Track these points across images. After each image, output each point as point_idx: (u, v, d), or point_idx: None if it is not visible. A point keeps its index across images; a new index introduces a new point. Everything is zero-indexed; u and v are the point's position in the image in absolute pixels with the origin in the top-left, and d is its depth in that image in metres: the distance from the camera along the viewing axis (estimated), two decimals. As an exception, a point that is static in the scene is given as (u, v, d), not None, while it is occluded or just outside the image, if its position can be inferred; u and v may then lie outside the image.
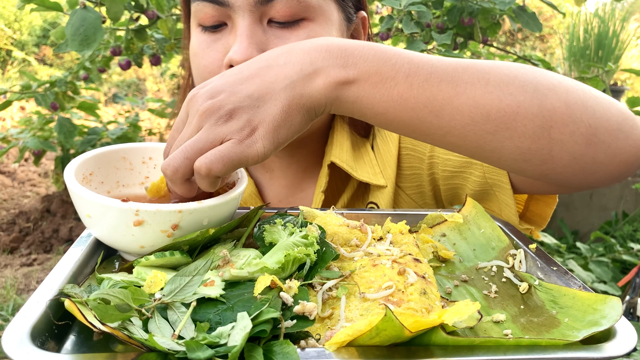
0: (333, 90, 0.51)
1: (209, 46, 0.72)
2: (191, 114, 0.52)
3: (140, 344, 0.37)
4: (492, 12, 1.80)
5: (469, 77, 0.52)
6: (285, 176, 0.84)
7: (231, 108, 0.49)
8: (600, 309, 0.45)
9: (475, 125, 0.52)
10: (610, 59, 3.29)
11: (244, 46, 0.67)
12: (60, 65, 7.24)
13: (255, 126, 0.50)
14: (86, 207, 0.51)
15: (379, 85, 0.51)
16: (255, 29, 0.68)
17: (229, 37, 0.70)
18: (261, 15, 0.69)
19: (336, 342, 0.38)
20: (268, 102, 0.50)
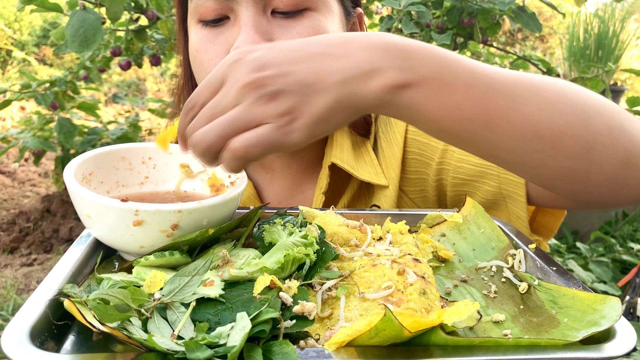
0: (387, 93, 0.48)
1: (211, 40, 0.71)
2: (231, 80, 0.48)
3: (139, 344, 0.37)
4: (492, 12, 1.80)
5: (523, 92, 0.51)
6: (285, 177, 0.84)
7: (276, 89, 0.47)
8: (599, 309, 0.45)
9: (524, 142, 0.51)
10: (610, 59, 3.29)
11: (250, 35, 0.66)
12: (60, 65, 7.24)
13: (297, 115, 0.47)
14: (86, 207, 0.51)
15: (437, 93, 0.48)
16: (259, 19, 0.68)
17: (232, 30, 0.70)
18: (264, 6, 0.69)
19: (335, 342, 0.38)
20: (316, 93, 0.47)
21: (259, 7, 0.68)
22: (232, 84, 0.48)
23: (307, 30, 0.69)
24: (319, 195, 0.78)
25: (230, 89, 0.48)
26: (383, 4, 1.68)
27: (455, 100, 0.49)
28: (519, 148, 0.51)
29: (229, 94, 0.48)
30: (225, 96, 0.48)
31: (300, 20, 0.69)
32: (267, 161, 0.83)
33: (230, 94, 0.47)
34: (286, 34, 0.69)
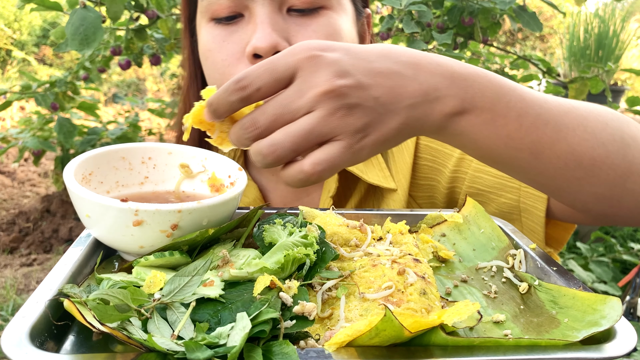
0: (444, 119, 0.49)
1: (225, 39, 0.70)
2: (307, 80, 0.44)
3: (139, 344, 0.37)
4: (492, 11, 1.80)
5: (569, 122, 0.52)
6: None
7: (354, 103, 0.45)
8: (600, 309, 0.45)
9: (566, 170, 0.52)
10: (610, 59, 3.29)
11: (267, 32, 0.66)
12: (60, 65, 7.24)
13: (369, 133, 0.46)
14: (86, 207, 0.51)
15: (490, 123, 0.49)
16: (275, 16, 0.68)
17: (247, 28, 0.69)
18: (280, 4, 0.68)
19: (336, 343, 0.38)
20: (390, 113, 0.47)
21: (275, 4, 0.68)
22: (309, 86, 0.44)
23: (322, 28, 0.69)
24: (326, 198, 0.77)
25: (307, 92, 0.44)
26: (384, 3, 1.68)
27: (507, 130, 0.50)
28: (561, 175, 0.53)
29: (304, 96, 0.44)
30: (298, 97, 0.44)
31: (315, 18, 0.69)
32: None
33: (305, 97, 0.44)
34: (302, 32, 0.68)
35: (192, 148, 0.65)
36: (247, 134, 0.46)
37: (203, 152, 0.65)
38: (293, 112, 0.44)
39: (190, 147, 0.66)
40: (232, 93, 0.45)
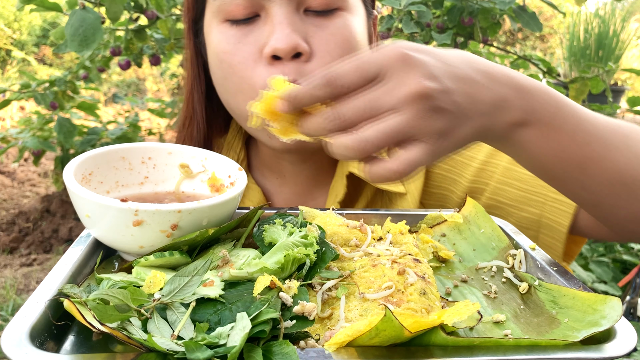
0: (508, 129, 0.51)
1: (240, 41, 0.68)
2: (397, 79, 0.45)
3: (139, 344, 0.37)
4: (492, 11, 1.80)
5: (616, 141, 0.54)
6: (296, 182, 0.82)
7: (440, 106, 0.45)
8: (600, 309, 0.45)
9: (609, 186, 0.54)
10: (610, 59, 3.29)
11: (287, 33, 0.65)
12: (60, 65, 7.24)
13: (448, 137, 0.47)
14: (85, 207, 0.51)
15: (546, 136, 0.51)
16: (293, 17, 0.67)
17: (264, 29, 0.68)
18: (298, 4, 0.68)
19: (336, 343, 0.38)
20: (467, 119, 0.48)
21: (293, 5, 0.67)
22: (399, 84, 0.45)
23: (339, 30, 0.69)
24: (333, 203, 0.77)
25: (396, 91, 0.45)
26: (383, 3, 1.68)
27: (560, 144, 0.52)
28: (602, 191, 0.55)
29: (393, 94, 0.45)
30: (388, 95, 0.45)
31: (332, 19, 0.69)
32: (277, 166, 0.82)
33: (394, 96, 0.45)
34: (320, 34, 0.68)
35: (192, 148, 0.65)
36: (330, 125, 0.46)
37: (203, 152, 0.65)
38: (380, 109, 0.45)
39: (190, 147, 0.66)
40: (320, 88, 0.46)
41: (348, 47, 0.69)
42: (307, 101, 0.46)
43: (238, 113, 0.73)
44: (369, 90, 0.45)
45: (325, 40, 0.68)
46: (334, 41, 0.68)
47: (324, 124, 0.46)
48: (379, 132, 0.44)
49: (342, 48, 0.69)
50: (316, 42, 0.68)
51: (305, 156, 0.80)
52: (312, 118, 0.47)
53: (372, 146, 0.45)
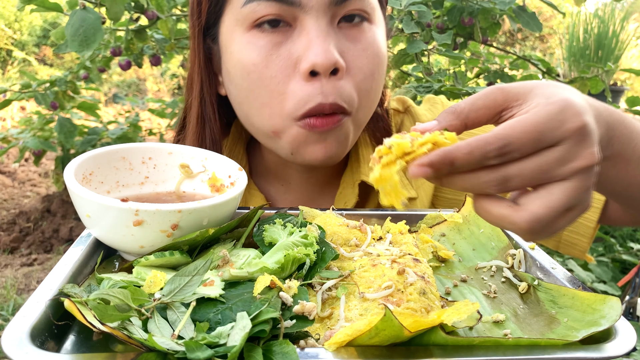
0: None
1: (271, 52, 0.65)
2: (572, 148, 0.41)
3: (139, 344, 0.37)
4: (492, 12, 1.80)
5: None
6: (301, 190, 0.82)
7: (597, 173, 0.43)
8: (599, 309, 0.45)
9: None
10: (610, 59, 3.29)
11: (326, 48, 0.63)
12: (61, 65, 7.24)
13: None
14: (86, 207, 0.51)
15: (617, 164, 0.53)
16: (330, 30, 0.65)
17: (297, 41, 0.65)
18: (332, 16, 0.66)
19: (335, 342, 0.38)
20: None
21: (328, 17, 0.65)
22: (574, 155, 0.41)
23: (370, 45, 0.68)
24: None
25: (570, 162, 0.41)
26: (383, 4, 1.68)
27: (627, 171, 0.54)
28: None
29: (566, 165, 0.41)
30: (560, 166, 0.41)
31: (363, 32, 0.68)
32: (284, 173, 0.81)
33: (567, 168, 0.41)
34: (352, 49, 0.67)
35: (192, 148, 0.66)
36: (490, 188, 0.42)
37: (203, 152, 0.65)
38: (550, 178, 0.42)
39: (190, 147, 0.66)
40: (491, 158, 0.40)
41: (377, 62, 0.69)
42: (468, 167, 0.41)
43: (258, 127, 0.70)
44: (540, 155, 0.41)
45: (358, 55, 0.67)
46: (365, 56, 0.68)
47: (481, 186, 0.42)
48: (553, 209, 0.41)
49: (372, 63, 0.68)
50: (349, 57, 0.66)
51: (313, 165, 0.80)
52: (464, 177, 0.42)
53: (542, 225, 0.41)
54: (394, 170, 0.42)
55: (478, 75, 2.29)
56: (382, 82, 0.73)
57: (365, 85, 0.68)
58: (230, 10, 0.68)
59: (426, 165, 0.41)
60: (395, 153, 0.42)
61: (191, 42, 0.77)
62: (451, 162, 0.40)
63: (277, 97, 0.66)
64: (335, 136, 0.68)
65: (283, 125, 0.67)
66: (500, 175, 0.41)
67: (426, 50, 1.69)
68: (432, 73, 1.69)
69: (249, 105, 0.69)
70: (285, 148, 0.70)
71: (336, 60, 0.63)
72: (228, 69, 0.71)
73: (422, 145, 0.42)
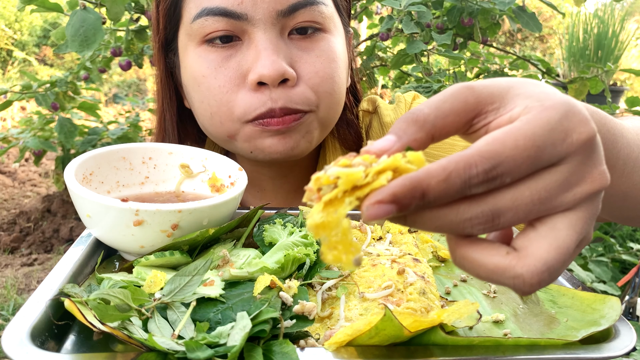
0: None
1: (220, 65, 0.67)
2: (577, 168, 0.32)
3: (140, 344, 0.37)
4: (491, 12, 1.80)
5: None
6: (276, 197, 0.83)
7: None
8: (599, 309, 0.45)
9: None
10: (609, 59, 3.29)
11: (273, 60, 0.63)
12: (61, 65, 7.24)
13: None
14: (86, 207, 0.51)
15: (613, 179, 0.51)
16: (278, 41, 0.65)
17: (247, 53, 0.66)
18: (282, 28, 0.66)
19: (335, 342, 0.38)
20: None
21: (277, 29, 0.66)
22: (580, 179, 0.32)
23: (324, 53, 0.68)
24: None
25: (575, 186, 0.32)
26: (383, 4, 1.69)
27: (623, 186, 0.53)
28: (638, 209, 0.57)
29: (570, 190, 0.32)
30: (564, 191, 0.32)
31: (316, 42, 0.68)
32: (258, 181, 0.82)
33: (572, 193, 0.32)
34: (305, 57, 0.67)
35: (192, 148, 0.66)
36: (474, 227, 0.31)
37: (203, 152, 0.65)
38: (550, 210, 0.32)
39: (191, 147, 0.66)
40: (475, 185, 0.30)
41: (334, 66, 0.69)
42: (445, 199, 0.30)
43: (214, 134, 0.72)
44: (538, 179, 0.32)
45: (312, 62, 0.67)
46: (319, 62, 0.68)
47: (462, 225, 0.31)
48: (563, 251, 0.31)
49: (329, 67, 0.68)
50: (302, 66, 0.67)
51: (284, 170, 0.80)
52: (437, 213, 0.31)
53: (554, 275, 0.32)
54: (342, 212, 0.30)
55: (478, 76, 2.29)
56: (343, 85, 0.72)
57: (324, 87, 0.68)
58: (183, 26, 0.70)
59: (387, 201, 0.29)
60: (343, 187, 0.30)
61: (154, 57, 0.79)
62: (422, 194, 0.29)
63: (226, 104, 0.67)
64: (297, 130, 0.68)
65: (235, 128, 0.68)
66: (487, 209, 0.31)
67: (426, 51, 1.69)
68: (432, 73, 1.69)
69: (202, 115, 0.71)
70: (244, 148, 0.70)
71: (284, 70, 0.64)
72: (184, 82, 0.73)
73: (379, 174, 0.30)
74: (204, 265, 0.45)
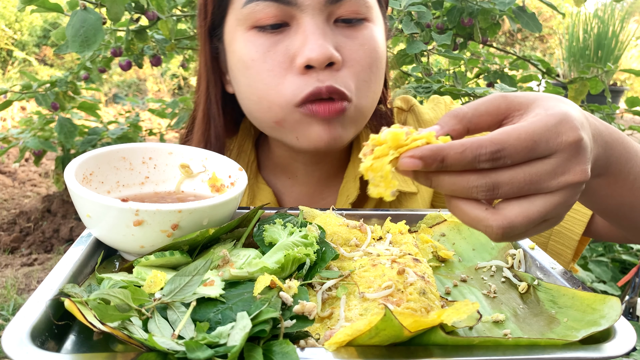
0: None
1: (269, 49, 0.68)
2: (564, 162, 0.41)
3: (140, 344, 0.37)
4: (491, 12, 1.80)
5: None
6: (307, 183, 0.84)
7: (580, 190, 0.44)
8: (599, 309, 0.45)
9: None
10: (609, 59, 3.29)
11: (320, 43, 0.65)
12: (61, 65, 7.24)
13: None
14: (86, 207, 0.51)
15: (611, 185, 0.54)
16: (325, 27, 0.68)
17: (294, 38, 0.68)
18: (329, 14, 0.68)
19: (336, 342, 0.38)
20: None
21: (324, 15, 0.68)
22: (565, 171, 0.42)
23: (367, 41, 0.70)
24: (344, 204, 0.78)
25: (561, 176, 0.41)
26: (383, 4, 1.68)
27: (621, 191, 0.55)
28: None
29: (556, 179, 0.41)
30: (551, 179, 0.41)
31: (360, 30, 0.70)
32: (290, 167, 0.83)
33: (557, 181, 0.41)
34: (350, 44, 0.69)
35: (192, 148, 0.66)
36: (479, 193, 0.41)
37: (203, 152, 0.65)
38: (538, 190, 0.42)
39: (191, 147, 0.66)
40: (482, 161, 0.40)
41: (375, 56, 0.71)
42: (460, 167, 0.41)
43: (260, 120, 0.73)
44: (531, 166, 0.41)
45: (355, 50, 0.69)
46: (362, 50, 0.69)
47: (469, 190, 0.41)
48: (529, 219, 0.41)
49: (370, 57, 0.70)
50: (346, 52, 0.69)
51: (318, 158, 0.81)
52: (454, 178, 0.41)
53: (516, 232, 0.42)
54: (385, 160, 0.41)
55: (478, 76, 2.29)
56: (381, 77, 0.74)
57: (363, 75, 0.70)
58: (233, 11, 0.72)
59: (417, 157, 0.40)
60: (389, 144, 0.41)
61: (199, 42, 0.80)
62: (442, 158, 0.40)
63: (274, 88, 0.68)
64: (339, 121, 0.70)
65: (284, 114, 0.69)
66: (490, 181, 0.40)
67: (426, 51, 1.69)
68: (432, 73, 1.69)
69: (249, 100, 0.72)
70: (290, 136, 0.71)
71: (331, 54, 0.66)
72: (231, 67, 0.74)
73: (416, 140, 0.41)
74: (204, 265, 0.45)
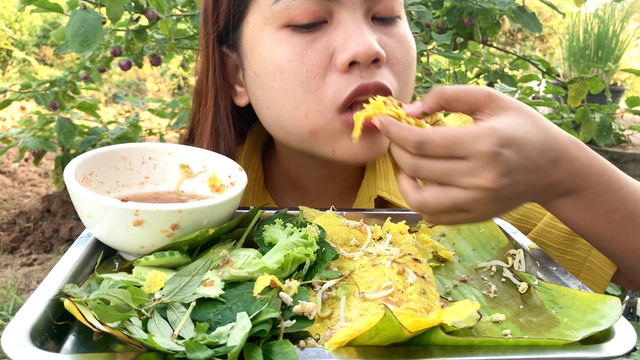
0: (550, 198, 0.54)
1: (306, 48, 0.63)
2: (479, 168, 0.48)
3: (139, 344, 0.37)
4: (491, 12, 1.80)
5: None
6: (318, 200, 0.79)
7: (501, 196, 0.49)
8: (599, 309, 0.45)
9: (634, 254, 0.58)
10: (610, 59, 3.29)
11: (366, 37, 0.62)
12: (61, 65, 7.24)
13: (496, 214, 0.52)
14: (86, 207, 0.51)
15: (581, 208, 0.55)
16: (365, 23, 0.64)
17: (333, 34, 0.63)
18: (367, 10, 0.65)
19: (335, 342, 0.38)
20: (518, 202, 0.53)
21: (363, 10, 0.64)
22: (477, 173, 0.48)
23: (403, 38, 0.68)
24: None
25: (472, 177, 0.48)
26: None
27: (593, 218, 0.55)
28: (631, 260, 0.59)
29: (467, 178, 0.48)
30: (464, 176, 0.48)
31: (395, 28, 0.68)
32: (302, 183, 0.79)
33: (468, 180, 0.48)
34: (390, 42, 0.66)
35: (192, 148, 0.66)
36: (405, 166, 0.51)
37: (203, 152, 0.65)
38: (452, 182, 0.49)
39: (190, 147, 0.66)
40: (409, 147, 0.49)
41: (413, 55, 0.69)
42: (394, 142, 0.51)
43: (292, 131, 0.67)
44: (450, 162, 0.49)
45: (395, 47, 0.67)
46: (401, 48, 0.67)
47: (402, 164, 0.51)
48: (439, 204, 0.49)
49: (409, 55, 0.68)
50: (388, 49, 0.65)
51: (334, 173, 0.77)
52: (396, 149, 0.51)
53: (428, 210, 0.50)
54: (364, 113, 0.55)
55: (478, 75, 2.29)
56: (415, 77, 0.72)
57: (404, 75, 0.67)
58: (257, 10, 0.66)
59: (379, 120, 0.52)
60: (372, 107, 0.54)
61: (204, 51, 0.73)
62: (387, 130, 0.51)
63: (314, 91, 0.63)
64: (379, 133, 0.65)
65: (323, 121, 0.64)
66: (413, 162, 0.50)
67: (426, 51, 1.69)
68: (432, 73, 1.69)
69: (280, 107, 0.66)
70: (324, 148, 0.66)
71: (377, 50, 0.62)
72: (256, 72, 0.67)
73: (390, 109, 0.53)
74: (204, 266, 0.45)
